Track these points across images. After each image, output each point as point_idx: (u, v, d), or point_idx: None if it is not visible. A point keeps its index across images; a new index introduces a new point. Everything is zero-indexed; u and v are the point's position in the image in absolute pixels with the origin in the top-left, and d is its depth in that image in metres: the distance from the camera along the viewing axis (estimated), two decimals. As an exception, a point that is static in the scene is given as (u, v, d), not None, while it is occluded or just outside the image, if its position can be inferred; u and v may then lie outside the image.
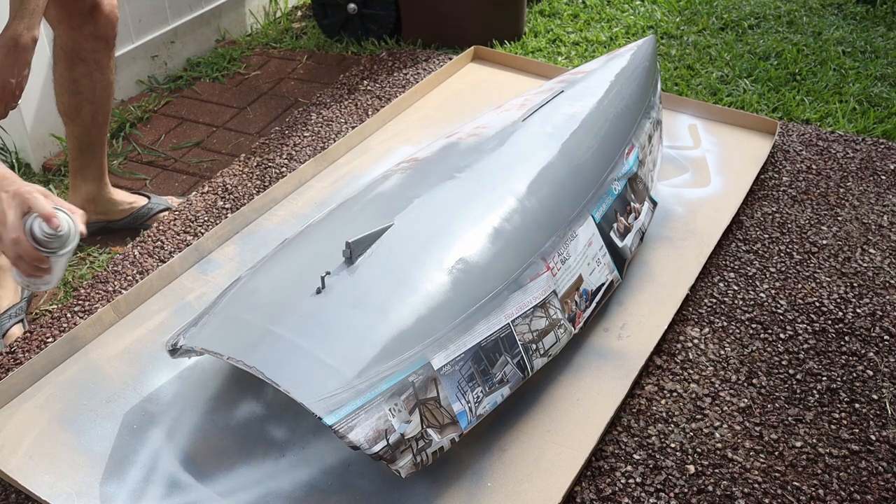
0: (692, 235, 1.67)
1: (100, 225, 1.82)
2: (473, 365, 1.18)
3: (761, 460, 1.24)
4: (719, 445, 1.26)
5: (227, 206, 1.82)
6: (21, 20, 1.41)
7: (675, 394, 1.34)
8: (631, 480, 1.20)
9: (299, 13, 2.89)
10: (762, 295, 1.54)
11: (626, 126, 1.60)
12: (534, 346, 1.26)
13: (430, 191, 1.36)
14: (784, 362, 1.40)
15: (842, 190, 1.82)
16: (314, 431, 1.26)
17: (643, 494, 1.18)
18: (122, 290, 1.58)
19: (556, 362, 1.37)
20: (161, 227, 1.75)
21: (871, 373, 1.38)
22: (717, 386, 1.36)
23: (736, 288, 1.55)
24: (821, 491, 1.19)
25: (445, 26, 2.51)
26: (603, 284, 1.44)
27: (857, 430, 1.28)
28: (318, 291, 1.19)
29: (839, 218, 1.74)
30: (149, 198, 1.85)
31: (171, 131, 2.18)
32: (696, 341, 1.44)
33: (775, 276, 1.58)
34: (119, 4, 2.19)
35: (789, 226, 1.72)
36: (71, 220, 1.13)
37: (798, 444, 1.26)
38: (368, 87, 2.28)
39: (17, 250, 1.10)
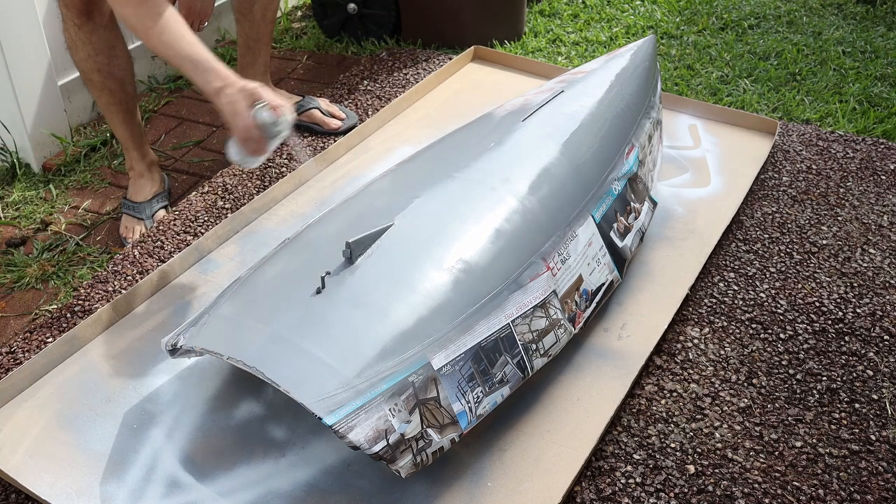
0: (692, 235, 1.67)
1: None
2: (473, 365, 1.18)
3: (761, 460, 1.24)
4: (719, 445, 1.26)
5: (227, 206, 1.82)
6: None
7: (675, 394, 1.34)
8: (631, 480, 1.20)
9: (299, 13, 2.89)
10: (762, 295, 1.54)
11: (626, 126, 1.60)
12: (534, 346, 1.26)
13: (430, 191, 1.36)
14: (784, 362, 1.40)
15: (842, 190, 1.82)
16: (314, 431, 1.27)
17: (643, 494, 1.19)
18: (122, 290, 1.58)
19: (556, 362, 1.37)
20: (161, 227, 1.75)
21: (871, 373, 1.38)
22: (717, 386, 1.36)
23: (736, 288, 1.55)
24: (821, 491, 1.19)
25: (445, 26, 2.51)
26: (603, 284, 1.44)
27: (857, 430, 1.28)
28: (318, 291, 1.19)
29: (839, 218, 1.74)
30: (302, 96, 2.12)
31: (171, 131, 2.18)
32: (696, 341, 1.44)
33: (775, 276, 1.58)
34: (119, 4, 2.19)
35: (789, 226, 1.72)
36: (289, 112, 1.39)
37: (798, 444, 1.26)
38: (368, 87, 2.28)
39: (247, 134, 1.36)
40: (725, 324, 1.48)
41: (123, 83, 1.73)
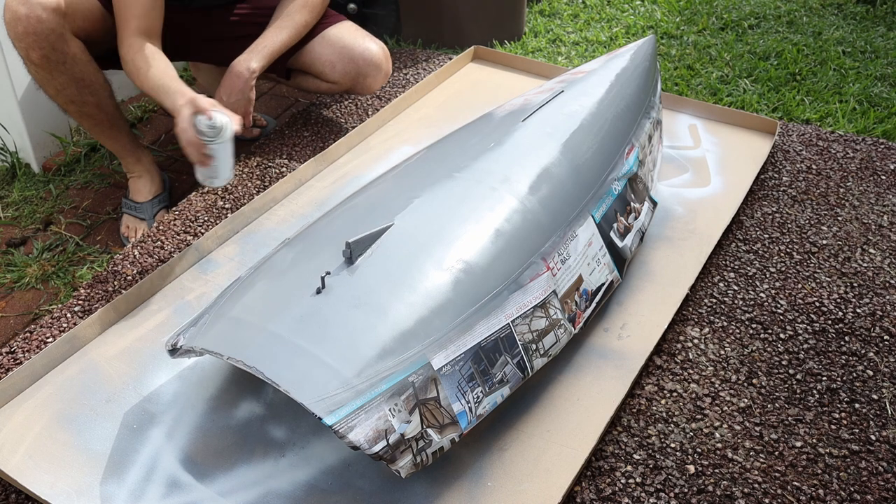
0: (692, 235, 1.67)
1: None
2: (473, 365, 1.18)
3: (761, 460, 1.24)
4: (719, 445, 1.26)
5: (227, 206, 1.82)
6: (248, 52, 1.75)
7: (675, 394, 1.34)
8: (631, 480, 1.21)
9: (299, 13, 2.88)
10: (762, 295, 1.54)
11: (626, 126, 1.60)
12: (534, 346, 1.26)
13: (430, 191, 1.36)
14: (784, 362, 1.40)
15: (842, 190, 1.83)
16: (314, 431, 1.27)
17: (643, 494, 1.19)
18: (122, 290, 1.58)
19: (556, 362, 1.37)
20: (161, 227, 1.75)
21: (871, 373, 1.38)
22: (717, 386, 1.36)
23: (736, 288, 1.55)
24: (821, 491, 1.19)
25: (445, 26, 2.51)
26: (603, 284, 1.44)
27: (857, 430, 1.29)
28: (318, 291, 1.19)
29: (839, 218, 1.74)
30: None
31: (171, 131, 2.18)
32: (696, 341, 1.44)
33: (775, 276, 1.58)
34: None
35: (789, 226, 1.72)
36: (226, 118, 1.45)
37: (798, 444, 1.26)
38: (368, 87, 2.28)
39: (186, 138, 1.45)
40: (725, 324, 1.48)
41: (100, 105, 1.73)
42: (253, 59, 1.74)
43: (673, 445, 1.26)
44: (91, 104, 1.70)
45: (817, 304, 1.52)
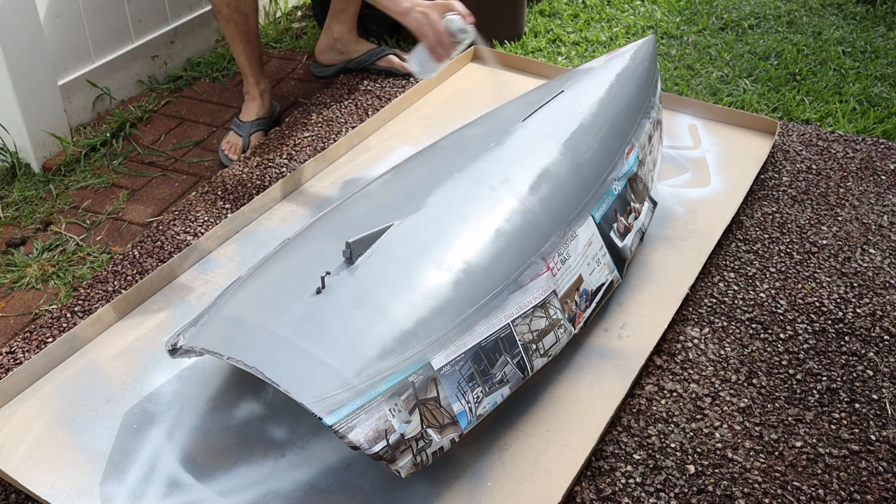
0: (692, 235, 1.67)
1: (337, 67, 2.36)
2: (473, 365, 1.18)
3: (761, 460, 1.24)
4: (719, 445, 1.26)
5: (227, 206, 1.82)
6: None
7: (675, 394, 1.34)
8: (631, 480, 1.21)
9: (299, 13, 2.89)
10: (762, 295, 1.54)
11: (626, 126, 1.60)
12: (534, 346, 1.26)
13: (430, 191, 1.36)
14: (784, 362, 1.40)
15: (842, 190, 1.83)
16: (314, 431, 1.27)
17: (643, 494, 1.19)
18: (122, 290, 1.58)
19: (556, 362, 1.37)
20: (161, 227, 1.75)
21: (871, 373, 1.38)
22: (717, 386, 1.36)
23: (736, 288, 1.55)
24: (821, 491, 1.19)
25: (445, 26, 2.50)
26: (603, 284, 1.44)
27: (857, 430, 1.29)
28: (318, 291, 1.19)
29: (839, 218, 1.74)
30: (379, 44, 2.40)
31: (171, 131, 2.18)
32: (696, 341, 1.44)
33: (775, 276, 1.58)
34: (119, 4, 2.20)
35: (789, 226, 1.72)
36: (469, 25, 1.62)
37: (798, 444, 1.26)
38: (368, 87, 2.28)
39: (440, 39, 1.58)
40: (725, 324, 1.48)
41: (247, 18, 1.98)
42: None
43: (673, 445, 1.26)
44: (242, 13, 1.94)
45: (817, 304, 1.52)
